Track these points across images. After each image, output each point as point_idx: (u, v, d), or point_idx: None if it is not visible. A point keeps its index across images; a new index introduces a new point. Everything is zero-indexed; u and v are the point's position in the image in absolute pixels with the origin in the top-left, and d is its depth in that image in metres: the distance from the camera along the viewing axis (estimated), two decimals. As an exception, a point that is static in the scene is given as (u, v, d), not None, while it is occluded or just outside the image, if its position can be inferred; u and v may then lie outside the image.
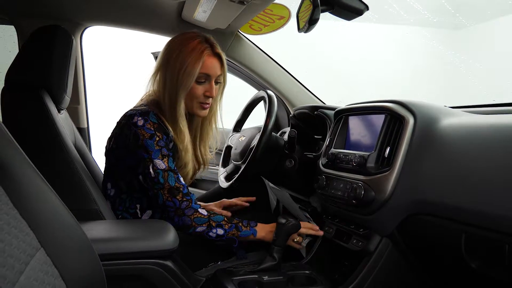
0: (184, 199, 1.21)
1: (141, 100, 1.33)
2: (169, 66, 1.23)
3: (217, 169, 1.66)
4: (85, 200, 1.18)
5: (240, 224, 1.27)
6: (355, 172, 1.11)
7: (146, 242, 1.05)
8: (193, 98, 1.27)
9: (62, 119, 1.31)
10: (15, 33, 1.70)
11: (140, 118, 1.20)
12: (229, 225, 1.25)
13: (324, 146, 1.32)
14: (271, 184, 1.63)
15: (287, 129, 1.46)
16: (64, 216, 0.68)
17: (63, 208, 0.69)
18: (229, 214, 1.45)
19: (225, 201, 1.57)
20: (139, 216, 1.31)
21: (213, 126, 1.42)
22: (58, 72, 1.29)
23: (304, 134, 1.57)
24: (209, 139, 1.43)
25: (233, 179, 1.36)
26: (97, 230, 1.07)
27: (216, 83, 1.30)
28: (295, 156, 1.34)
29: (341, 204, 1.16)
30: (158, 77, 1.28)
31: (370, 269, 1.07)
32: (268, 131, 1.28)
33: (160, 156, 1.19)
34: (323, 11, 1.15)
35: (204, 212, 1.23)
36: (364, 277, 1.07)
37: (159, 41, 1.53)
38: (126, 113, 1.27)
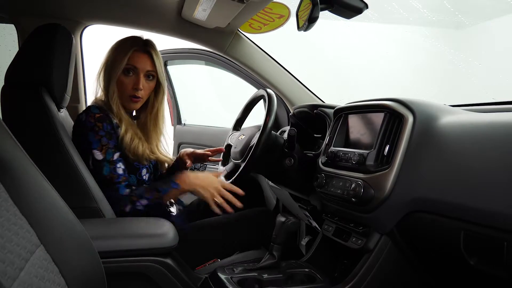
0: (115, 187, 1.25)
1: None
2: (106, 63, 1.38)
3: (217, 168, 1.66)
4: (85, 198, 1.18)
5: (159, 184, 1.29)
6: (355, 170, 1.11)
7: (145, 240, 1.06)
8: (124, 90, 1.37)
9: (62, 117, 1.31)
10: (15, 31, 1.70)
11: (83, 114, 1.31)
12: (150, 192, 1.26)
13: (323, 145, 1.33)
14: (270, 183, 1.63)
15: (287, 128, 1.46)
16: (64, 214, 0.69)
17: (63, 205, 0.69)
18: (240, 191, 1.35)
19: (196, 151, 1.59)
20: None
21: (159, 125, 1.48)
22: (58, 71, 1.29)
23: (304, 133, 1.58)
24: (157, 139, 1.48)
25: (233, 178, 1.36)
26: (97, 227, 1.07)
27: (148, 78, 1.39)
28: (294, 154, 1.34)
29: (341, 202, 1.16)
30: (100, 76, 1.40)
31: (369, 267, 1.07)
32: (267, 130, 1.28)
33: (99, 146, 1.26)
34: (322, 9, 1.15)
35: (126, 191, 1.25)
36: (364, 275, 1.07)
37: (159, 40, 1.53)
38: None
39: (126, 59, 1.34)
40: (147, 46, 1.38)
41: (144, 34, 1.43)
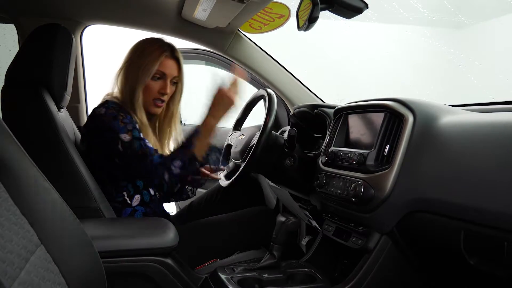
0: (148, 160, 1.25)
1: (103, 99, 1.41)
2: (131, 64, 1.36)
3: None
4: (85, 198, 1.19)
5: (183, 142, 1.32)
6: (355, 170, 1.11)
7: (146, 240, 1.06)
8: (149, 93, 1.37)
9: (62, 117, 1.32)
10: (15, 31, 1.70)
11: (101, 108, 1.30)
12: (178, 151, 1.29)
13: (323, 145, 1.33)
14: (270, 183, 1.63)
15: (287, 128, 1.46)
16: (64, 214, 0.69)
17: (63, 205, 0.69)
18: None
19: None
20: (129, 202, 1.32)
21: (175, 127, 1.51)
22: (58, 71, 1.29)
23: (304, 133, 1.57)
24: (168, 140, 1.51)
25: (233, 178, 1.36)
26: (97, 227, 1.07)
27: (173, 83, 1.41)
28: (295, 154, 1.34)
29: (341, 202, 1.16)
30: (120, 76, 1.39)
31: (369, 266, 1.07)
32: (268, 130, 1.28)
33: (125, 130, 1.26)
34: (322, 9, 1.15)
35: (159, 160, 1.27)
36: (364, 274, 1.07)
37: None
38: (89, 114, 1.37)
39: (157, 65, 1.34)
40: (174, 52, 1.39)
41: (145, 34, 1.44)
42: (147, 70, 1.33)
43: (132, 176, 1.32)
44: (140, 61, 1.34)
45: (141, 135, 1.29)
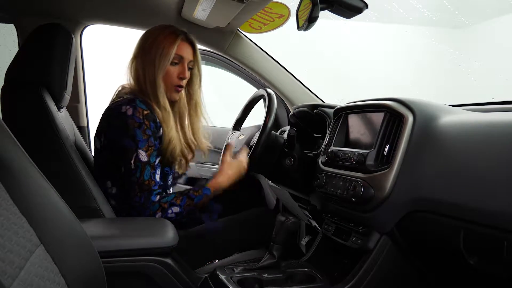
0: (148, 193, 1.21)
1: (118, 92, 1.36)
2: (146, 52, 1.31)
3: (217, 168, 1.66)
4: (85, 198, 1.18)
5: (191, 192, 1.28)
6: (355, 170, 1.11)
7: (145, 239, 1.06)
8: (169, 79, 1.33)
9: (62, 117, 1.31)
10: (15, 31, 1.70)
11: (128, 107, 1.22)
12: (180, 198, 1.25)
13: (323, 144, 1.33)
14: (270, 183, 1.63)
15: (287, 128, 1.46)
16: (64, 213, 0.69)
17: (63, 205, 0.69)
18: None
19: None
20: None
21: (201, 114, 1.45)
22: (58, 71, 1.29)
23: (304, 133, 1.58)
24: (199, 128, 1.45)
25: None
26: (97, 227, 1.07)
27: (189, 68, 1.37)
28: (294, 154, 1.34)
29: (341, 202, 1.16)
30: (134, 66, 1.33)
31: (369, 266, 1.07)
32: (267, 130, 1.28)
33: (146, 146, 1.22)
34: (322, 9, 1.15)
35: (155, 198, 1.23)
36: (364, 274, 1.07)
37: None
38: (109, 106, 1.31)
39: (174, 49, 1.30)
40: (189, 36, 1.36)
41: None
42: (165, 54, 1.29)
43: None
44: (155, 48, 1.30)
45: (157, 161, 1.24)
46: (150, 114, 1.24)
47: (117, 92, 1.37)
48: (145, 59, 1.31)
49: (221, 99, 3.80)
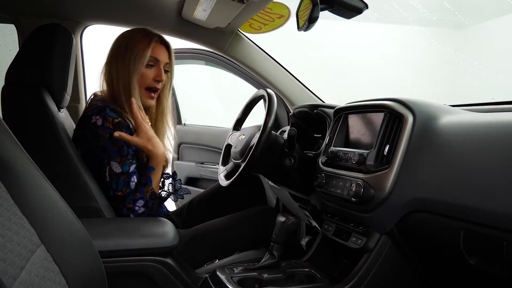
0: (122, 200, 1.23)
1: (91, 100, 1.35)
2: (120, 56, 1.30)
3: (217, 168, 1.66)
4: (85, 198, 1.19)
5: (142, 179, 1.26)
6: (355, 170, 1.11)
7: (146, 239, 1.06)
8: (144, 82, 1.31)
9: (62, 117, 1.32)
10: (15, 31, 1.70)
11: (98, 117, 1.22)
12: (137, 190, 1.25)
13: (323, 145, 1.33)
14: (270, 183, 1.63)
15: (287, 128, 1.46)
16: (65, 213, 0.69)
17: (64, 205, 0.69)
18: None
19: None
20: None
21: (167, 121, 1.44)
22: (58, 71, 1.29)
23: (304, 133, 1.58)
24: (164, 136, 1.45)
25: (233, 178, 1.36)
26: (97, 227, 1.07)
27: (165, 71, 1.36)
28: (294, 154, 1.34)
29: (341, 202, 1.16)
30: (108, 71, 1.32)
31: (369, 266, 1.07)
32: (267, 130, 1.28)
33: (119, 158, 1.21)
34: (322, 9, 1.15)
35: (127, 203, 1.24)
36: (364, 274, 1.07)
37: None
38: (81, 116, 1.31)
39: (150, 51, 1.29)
40: (162, 38, 1.36)
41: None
42: (140, 57, 1.28)
43: None
44: (130, 51, 1.29)
45: (131, 169, 1.24)
46: (122, 122, 1.23)
47: (89, 100, 1.36)
48: (119, 62, 1.30)
49: (221, 99, 3.81)
